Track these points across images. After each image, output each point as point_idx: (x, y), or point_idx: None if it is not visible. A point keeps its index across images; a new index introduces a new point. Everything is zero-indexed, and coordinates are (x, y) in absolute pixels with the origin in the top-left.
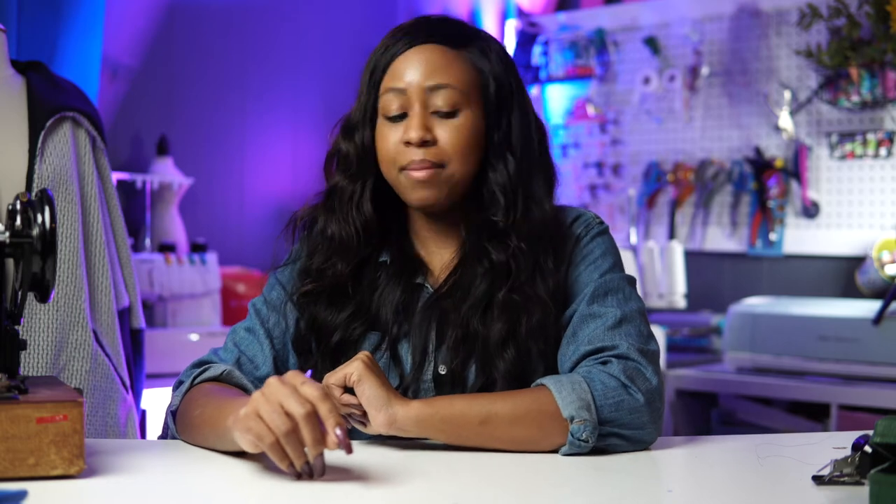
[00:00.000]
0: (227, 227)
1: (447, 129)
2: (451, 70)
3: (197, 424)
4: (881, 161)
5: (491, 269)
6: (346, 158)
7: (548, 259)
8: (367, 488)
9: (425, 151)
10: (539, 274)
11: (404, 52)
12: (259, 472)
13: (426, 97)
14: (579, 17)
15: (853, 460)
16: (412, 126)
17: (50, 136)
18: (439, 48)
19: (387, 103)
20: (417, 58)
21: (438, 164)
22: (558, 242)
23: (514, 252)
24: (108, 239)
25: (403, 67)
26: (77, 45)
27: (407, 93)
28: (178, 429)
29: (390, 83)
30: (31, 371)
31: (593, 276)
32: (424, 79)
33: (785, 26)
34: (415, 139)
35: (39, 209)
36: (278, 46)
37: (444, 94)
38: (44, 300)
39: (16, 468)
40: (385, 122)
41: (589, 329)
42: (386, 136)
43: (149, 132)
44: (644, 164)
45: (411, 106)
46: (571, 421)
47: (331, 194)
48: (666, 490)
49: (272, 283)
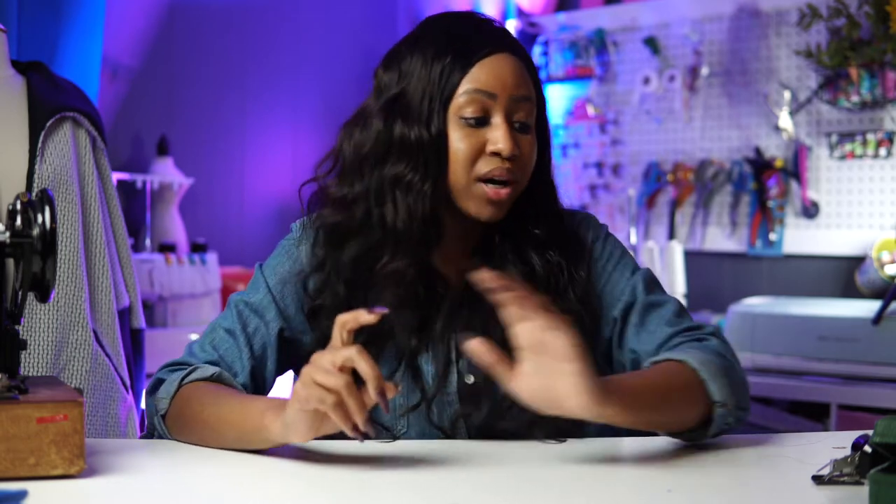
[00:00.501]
0: (227, 227)
1: (526, 145)
2: (529, 84)
3: (210, 424)
4: (881, 161)
5: (529, 274)
6: (414, 148)
7: (578, 268)
8: (367, 488)
9: (509, 165)
10: (571, 284)
11: (491, 56)
12: (259, 472)
13: (511, 107)
14: (579, 18)
15: (853, 460)
16: (502, 137)
17: (50, 136)
18: (518, 59)
19: (467, 104)
20: (506, 64)
21: (514, 181)
22: (581, 249)
23: (553, 264)
24: (109, 239)
25: (492, 72)
26: (77, 45)
27: (497, 99)
28: (173, 428)
29: (476, 85)
30: (31, 371)
31: (626, 274)
32: (514, 88)
33: (785, 26)
34: (507, 151)
35: (40, 209)
36: (278, 46)
37: (527, 107)
38: (44, 300)
39: (16, 468)
40: (459, 122)
41: (659, 315)
42: (462, 139)
43: (149, 132)
44: (644, 164)
45: (496, 113)
46: (719, 405)
47: (385, 185)
48: (666, 490)
49: (258, 283)
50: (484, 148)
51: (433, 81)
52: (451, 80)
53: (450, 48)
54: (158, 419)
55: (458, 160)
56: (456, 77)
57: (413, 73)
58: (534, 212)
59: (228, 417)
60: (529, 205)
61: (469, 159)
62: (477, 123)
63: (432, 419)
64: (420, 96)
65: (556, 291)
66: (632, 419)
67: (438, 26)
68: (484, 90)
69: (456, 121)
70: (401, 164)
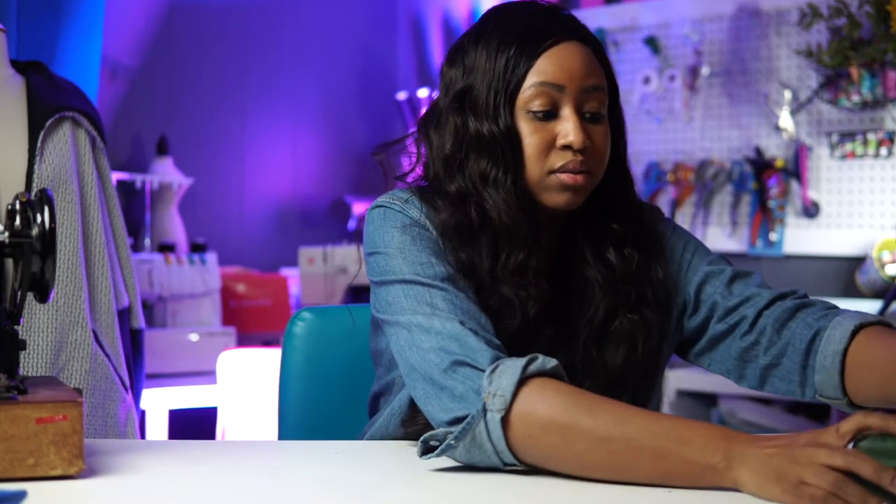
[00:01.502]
0: (227, 227)
1: (599, 136)
2: (600, 73)
3: (617, 448)
4: (881, 161)
5: (609, 277)
6: (490, 144)
7: (658, 267)
8: (367, 487)
9: (581, 158)
10: (650, 285)
11: (556, 47)
12: (259, 473)
13: (581, 98)
14: (579, 17)
15: None
16: (573, 129)
17: (49, 136)
18: (586, 48)
19: (534, 97)
20: (572, 54)
21: (589, 171)
22: (658, 243)
23: (630, 259)
24: (108, 239)
25: (558, 63)
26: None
27: (565, 91)
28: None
29: (543, 77)
30: (30, 371)
31: (703, 259)
32: (583, 79)
33: (785, 26)
34: (578, 143)
35: (39, 209)
36: (278, 46)
37: (598, 97)
38: (43, 300)
39: (15, 468)
40: (527, 115)
41: (748, 282)
42: (532, 133)
43: (149, 132)
44: (644, 164)
45: (565, 105)
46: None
47: (478, 183)
48: (666, 491)
49: (412, 263)
50: (554, 141)
51: (498, 75)
52: (516, 74)
53: (514, 40)
54: (498, 423)
55: (530, 155)
56: (521, 70)
57: (478, 67)
58: (610, 205)
59: (650, 446)
60: (605, 198)
61: (541, 153)
62: (545, 117)
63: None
64: (486, 90)
65: (634, 288)
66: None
67: (501, 17)
68: (551, 82)
69: (524, 115)
70: (483, 160)
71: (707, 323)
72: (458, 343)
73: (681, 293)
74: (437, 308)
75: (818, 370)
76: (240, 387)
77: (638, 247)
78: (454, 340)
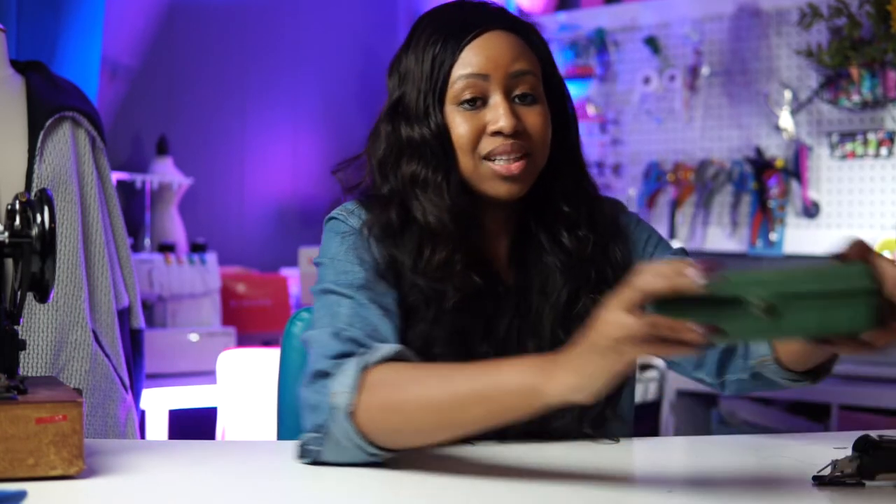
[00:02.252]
0: (227, 227)
1: (534, 117)
2: (529, 57)
3: (446, 405)
4: (882, 161)
5: (568, 264)
6: (420, 146)
7: (616, 248)
8: (366, 489)
9: (514, 142)
10: (609, 266)
11: (479, 38)
12: (258, 472)
13: (509, 84)
14: (579, 17)
15: (854, 461)
16: (502, 114)
17: (49, 135)
18: (512, 35)
19: (462, 90)
20: (496, 43)
21: (528, 154)
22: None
23: (585, 241)
24: (108, 239)
25: (482, 53)
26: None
27: (490, 79)
28: (373, 424)
29: (466, 70)
30: (30, 371)
31: (666, 254)
32: (508, 65)
33: (785, 26)
34: (507, 128)
35: (39, 209)
36: (278, 46)
37: (528, 80)
38: (43, 300)
39: (15, 468)
40: (457, 108)
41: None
42: (461, 124)
43: (149, 132)
44: (644, 164)
45: (492, 93)
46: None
47: (407, 185)
48: (666, 490)
49: (344, 267)
50: (485, 129)
51: (426, 76)
52: (442, 70)
53: (438, 38)
54: (345, 417)
55: (461, 146)
56: (447, 66)
57: (409, 72)
58: (560, 189)
59: (471, 393)
60: (555, 182)
61: (470, 143)
62: (474, 106)
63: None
64: (416, 94)
65: (594, 274)
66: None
67: (428, 20)
68: (476, 73)
69: (455, 109)
70: (413, 163)
71: None
72: (327, 355)
73: None
74: (338, 317)
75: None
76: (240, 387)
77: (593, 228)
78: (323, 356)
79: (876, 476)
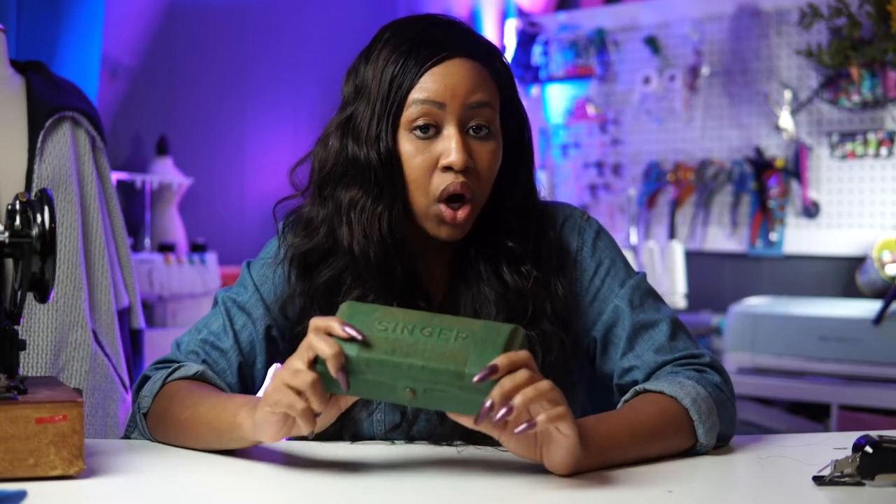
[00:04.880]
0: (227, 227)
1: (485, 154)
2: (488, 87)
3: (188, 425)
4: (882, 161)
5: (505, 296)
6: (365, 169)
7: (557, 283)
8: (367, 488)
9: (463, 181)
10: (549, 301)
11: (440, 64)
12: (258, 472)
13: (464, 115)
14: (579, 17)
15: (854, 461)
16: (454, 148)
17: (49, 136)
18: (475, 63)
19: (417, 116)
20: (456, 71)
21: (472, 198)
22: (563, 260)
23: (526, 277)
24: (108, 239)
25: (441, 81)
26: (77, 45)
27: (446, 108)
28: (154, 429)
29: (424, 95)
30: (30, 371)
31: (614, 288)
32: (467, 95)
33: (785, 26)
34: (458, 164)
35: (39, 209)
36: (278, 46)
37: (485, 113)
38: (43, 300)
39: (15, 468)
40: (409, 134)
41: (650, 339)
42: (414, 155)
43: (148, 132)
44: (644, 164)
45: (447, 123)
46: (702, 446)
47: (343, 209)
48: (666, 490)
49: (245, 281)
50: (437, 162)
51: (383, 95)
52: (400, 91)
53: (400, 57)
54: (140, 417)
55: (413, 179)
56: (405, 88)
57: (366, 85)
58: (506, 223)
59: (205, 417)
60: (502, 216)
61: (423, 177)
62: (426, 134)
63: (414, 436)
64: (370, 113)
65: (532, 308)
66: (608, 466)
67: (392, 33)
68: (432, 100)
69: (407, 134)
70: (354, 188)
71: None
72: (163, 358)
73: (589, 325)
74: (202, 329)
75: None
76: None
77: (537, 264)
78: (163, 357)
79: (876, 476)
